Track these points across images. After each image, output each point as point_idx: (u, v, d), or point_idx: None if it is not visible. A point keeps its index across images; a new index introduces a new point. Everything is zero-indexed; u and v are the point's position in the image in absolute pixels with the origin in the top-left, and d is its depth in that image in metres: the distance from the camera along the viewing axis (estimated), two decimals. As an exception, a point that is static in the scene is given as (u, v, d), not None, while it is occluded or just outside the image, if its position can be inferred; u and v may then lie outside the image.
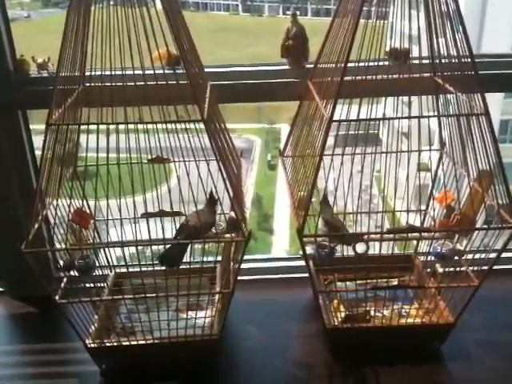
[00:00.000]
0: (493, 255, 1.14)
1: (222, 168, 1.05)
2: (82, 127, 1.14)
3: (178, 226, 1.17)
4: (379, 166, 1.31)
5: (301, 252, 1.22)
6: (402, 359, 1.25)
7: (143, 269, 1.22)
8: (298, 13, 1.44)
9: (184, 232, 1.12)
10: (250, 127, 9.06)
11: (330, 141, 1.14)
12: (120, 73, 0.98)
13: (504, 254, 1.14)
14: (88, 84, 1.14)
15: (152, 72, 0.99)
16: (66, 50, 1.04)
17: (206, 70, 1.29)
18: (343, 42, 1.09)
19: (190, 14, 10.45)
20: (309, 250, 1.31)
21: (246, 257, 1.13)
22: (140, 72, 0.98)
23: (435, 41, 1.18)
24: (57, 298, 1.15)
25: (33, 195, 1.08)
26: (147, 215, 1.24)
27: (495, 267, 1.15)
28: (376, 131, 1.31)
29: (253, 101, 1.45)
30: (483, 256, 1.16)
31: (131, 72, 0.96)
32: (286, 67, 1.43)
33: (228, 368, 1.27)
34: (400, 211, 1.40)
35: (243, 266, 1.16)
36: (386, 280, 1.28)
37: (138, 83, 0.97)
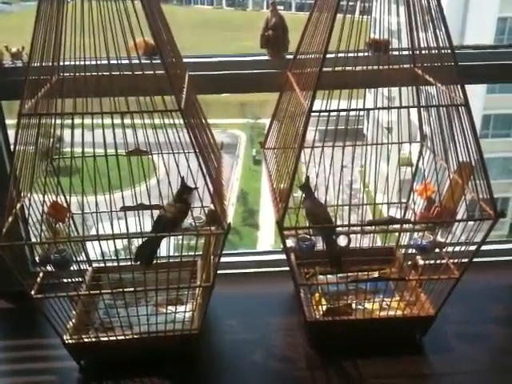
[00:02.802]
0: (473, 247, 1.15)
1: (201, 160, 1.04)
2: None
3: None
4: (361, 161, 1.30)
5: (282, 245, 1.21)
6: (383, 352, 1.25)
7: (122, 263, 1.20)
8: (279, 5, 1.42)
9: (160, 224, 1.11)
10: (235, 122, 9.03)
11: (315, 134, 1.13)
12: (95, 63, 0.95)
13: (484, 247, 1.15)
14: (62, 74, 1.11)
15: (128, 62, 0.96)
16: (37, 40, 1.01)
17: (184, 60, 1.27)
18: (322, 33, 1.07)
19: (174, 7, 10.37)
20: (290, 243, 1.30)
21: (227, 251, 1.11)
22: (116, 62, 0.96)
23: (415, 32, 1.17)
24: (33, 292, 1.13)
25: (7, 188, 1.05)
26: (126, 208, 1.22)
27: (475, 259, 1.16)
28: (359, 126, 1.30)
29: (232, 92, 1.43)
30: (463, 248, 1.16)
31: (106, 62, 0.94)
32: (266, 58, 1.41)
33: (209, 362, 1.26)
34: (381, 204, 1.39)
35: (225, 259, 1.14)
36: (366, 273, 1.27)
37: (113, 73, 0.95)
